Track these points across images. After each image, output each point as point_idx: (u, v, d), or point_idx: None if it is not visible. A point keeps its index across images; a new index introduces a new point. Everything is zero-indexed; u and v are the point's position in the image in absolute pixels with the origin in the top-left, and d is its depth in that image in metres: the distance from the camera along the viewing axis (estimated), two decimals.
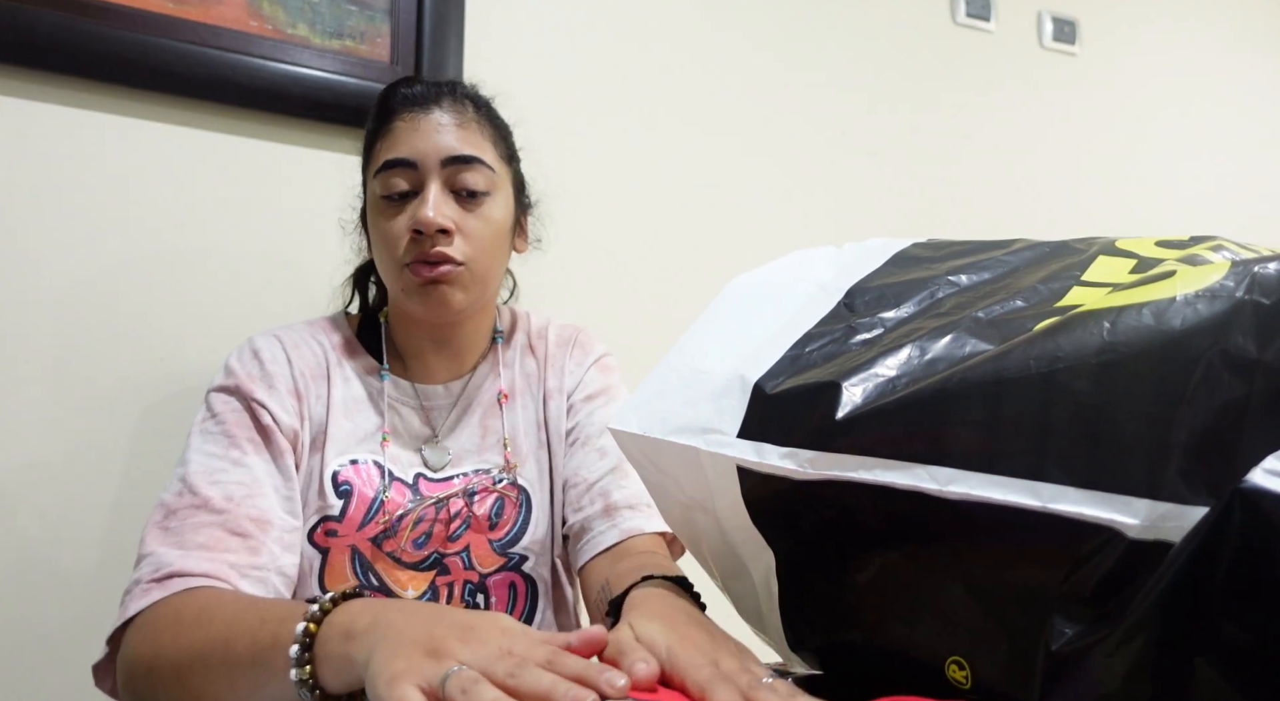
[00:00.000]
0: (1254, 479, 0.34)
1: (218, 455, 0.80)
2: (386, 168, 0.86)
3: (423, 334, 0.93)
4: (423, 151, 0.86)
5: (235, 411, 0.83)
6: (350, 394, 0.90)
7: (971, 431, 0.44)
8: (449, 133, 0.87)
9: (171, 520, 0.75)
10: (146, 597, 0.69)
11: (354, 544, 0.86)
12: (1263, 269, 0.42)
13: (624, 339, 1.13)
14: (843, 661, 0.55)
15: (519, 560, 0.92)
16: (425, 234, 0.84)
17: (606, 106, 1.40)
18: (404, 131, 0.87)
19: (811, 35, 1.57)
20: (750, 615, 0.62)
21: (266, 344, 0.88)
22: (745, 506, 0.54)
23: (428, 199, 0.85)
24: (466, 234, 0.87)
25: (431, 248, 0.85)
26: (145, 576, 0.71)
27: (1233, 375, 0.38)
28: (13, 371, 1.03)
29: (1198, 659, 0.35)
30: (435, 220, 0.84)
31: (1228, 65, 2.00)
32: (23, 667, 1.00)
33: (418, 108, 0.88)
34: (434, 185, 0.86)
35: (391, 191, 0.86)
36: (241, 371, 0.85)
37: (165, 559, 0.72)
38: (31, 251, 1.05)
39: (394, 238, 0.86)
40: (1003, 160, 1.73)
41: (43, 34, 1.03)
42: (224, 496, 0.76)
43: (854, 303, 0.58)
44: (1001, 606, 0.44)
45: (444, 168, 0.86)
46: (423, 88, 0.89)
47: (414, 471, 0.90)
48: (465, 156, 0.87)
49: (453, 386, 0.95)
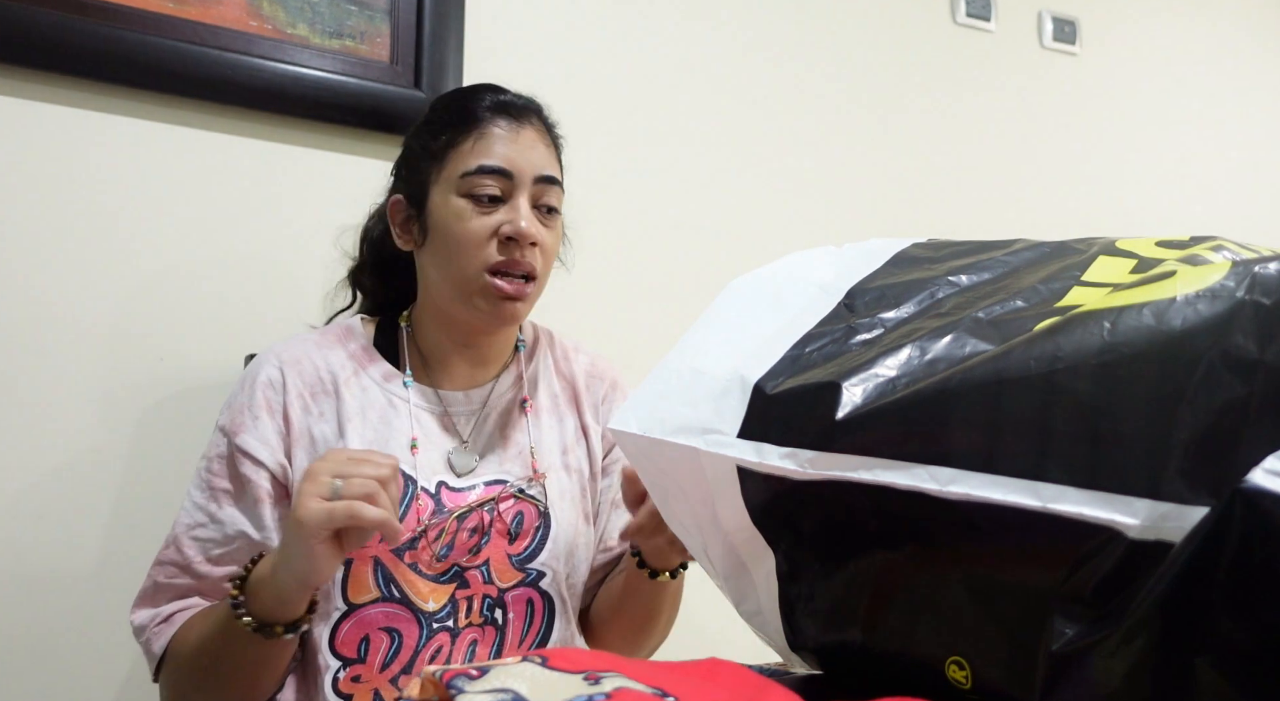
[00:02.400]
0: (1254, 479, 0.34)
1: (201, 506, 0.86)
2: (481, 171, 0.88)
3: (453, 339, 0.94)
4: (519, 165, 0.89)
5: (220, 457, 0.87)
6: (368, 403, 0.90)
7: (971, 431, 0.44)
8: (540, 151, 0.91)
9: (162, 573, 0.85)
10: (161, 639, 0.83)
11: (376, 554, 0.85)
12: (1263, 269, 0.42)
13: (624, 339, 1.13)
14: (843, 661, 0.55)
15: (536, 576, 0.91)
16: (518, 243, 0.87)
17: (606, 107, 1.40)
18: (501, 140, 0.89)
19: (811, 35, 1.57)
20: (750, 615, 0.62)
21: (266, 369, 0.89)
22: (745, 506, 0.54)
23: (521, 209, 0.88)
24: (544, 249, 0.91)
25: (520, 257, 0.88)
26: (150, 623, 0.84)
27: (1233, 375, 0.38)
28: (13, 371, 1.03)
29: (1198, 659, 0.35)
30: (532, 231, 0.88)
31: (1228, 65, 2.00)
32: (23, 668, 1.00)
33: (513, 119, 0.90)
34: (525, 198, 0.89)
35: (482, 193, 0.88)
36: (235, 407, 0.88)
37: (165, 609, 0.85)
38: (30, 251, 1.05)
39: (478, 240, 0.87)
40: (1003, 160, 1.73)
41: (43, 34, 1.03)
42: (204, 557, 0.85)
43: (854, 303, 0.58)
44: (1001, 606, 0.44)
45: (535, 184, 0.90)
46: (515, 99, 0.93)
47: (436, 479, 0.90)
48: (552, 177, 0.92)
49: (474, 394, 0.95)
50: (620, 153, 1.40)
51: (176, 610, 0.84)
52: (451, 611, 0.87)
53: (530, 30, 1.35)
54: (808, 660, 0.58)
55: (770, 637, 0.60)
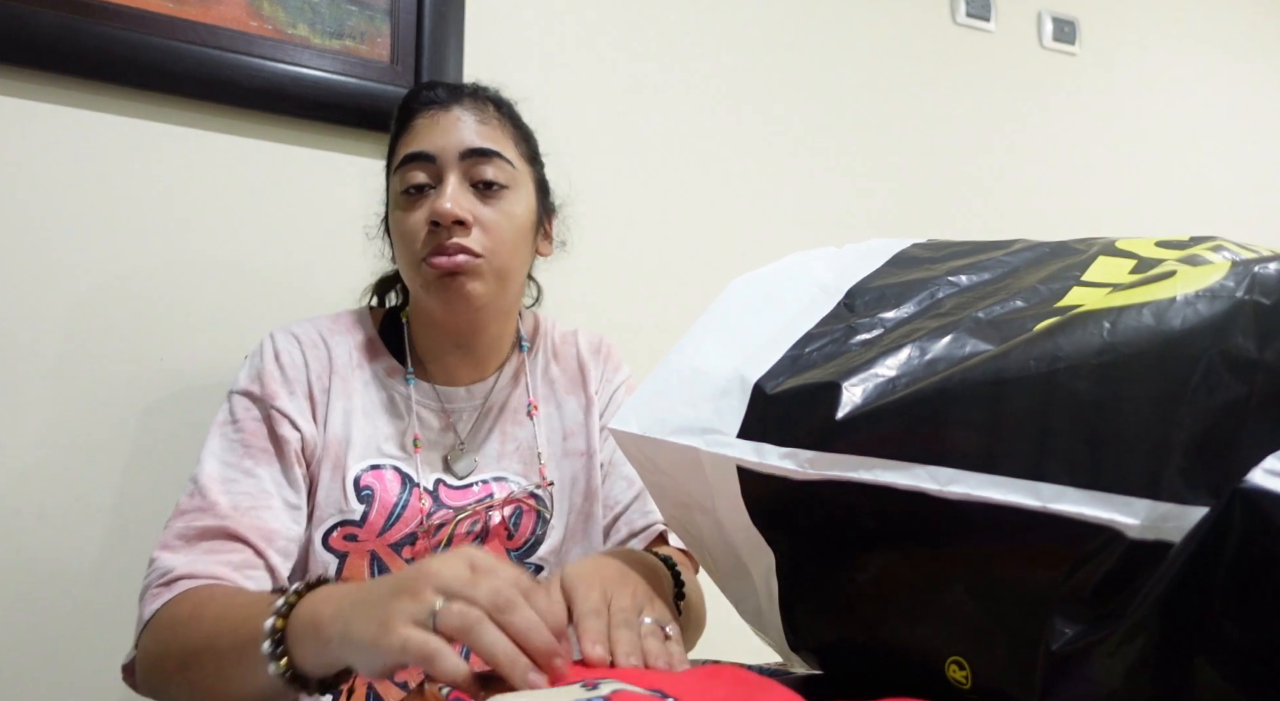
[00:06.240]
0: (1254, 479, 0.34)
1: (231, 463, 0.81)
2: (405, 162, 0.86)
3: (444, 336, 0.92)
4: (441, 145, 0.86)
5: (254, 419, 0.83)
6: (370, 397, 0.89)
7: (971, 431, 0.44)
8: (468, 128, 0.87)
9: (179, 521, 0.77)
10: (157, 600, 0.73)
11: (374, 549, 0.85)
12: (1263, 269, 0.42)
13: (624, 339, 1.13)
14: (843, 661, 0.56)
15: (534, 570, 0.91)
16: (442, 225, 0.84)
17: (606, 107, 1.40)
18: (424, 127, 0.87)
19: (811, 35, 1.57)
20: (750, 615, 0.62)
21: (286, 345, 0.88)
22: (745, 506, 0.54)
23: (445, 191, 0.85)
24: (485, 226, 0.86)
25: (448, 239, 0.84)
26: (154, 581, 0.74)
27: (1233, 375, 0.38)
28: (13, 371, 1.03)
29: (1198, 659, 0.35)
30: (452, 210, 0.83)
31: (1227, 65, 2.00)
32: (23, 667, 1.00)
33: (438, 106, 0.88)
34: (452, 178, 0.85)
35: (409, 185, 0.86)
36: (264, 375, 0.85)
37: (170, 563, 0.74)
38: (31, 251, 1.05)
39: (412, 231, 0.86)
40: (1002, 160, 1.73)
41: (43, 34, 1.03)
42: (231, 505, 0.78)
43: (854, 303, 0.58)
44: (1001, 606, 0.44)
45: (462, 160, 0.86)
46: (444, 90, 0.90)
47: (434, 477, 0.89)
48: (484, 149, 0.87)
49: (475, 389, 0.94)
50: (620, 152, 1.40)
51: (183, 574, 0.73)
52: None
53: (530, 30, 1.35)
54: (808, 660, 0.58)
55: (770, 637, 0.60)
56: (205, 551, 0.75)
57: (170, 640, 0.70)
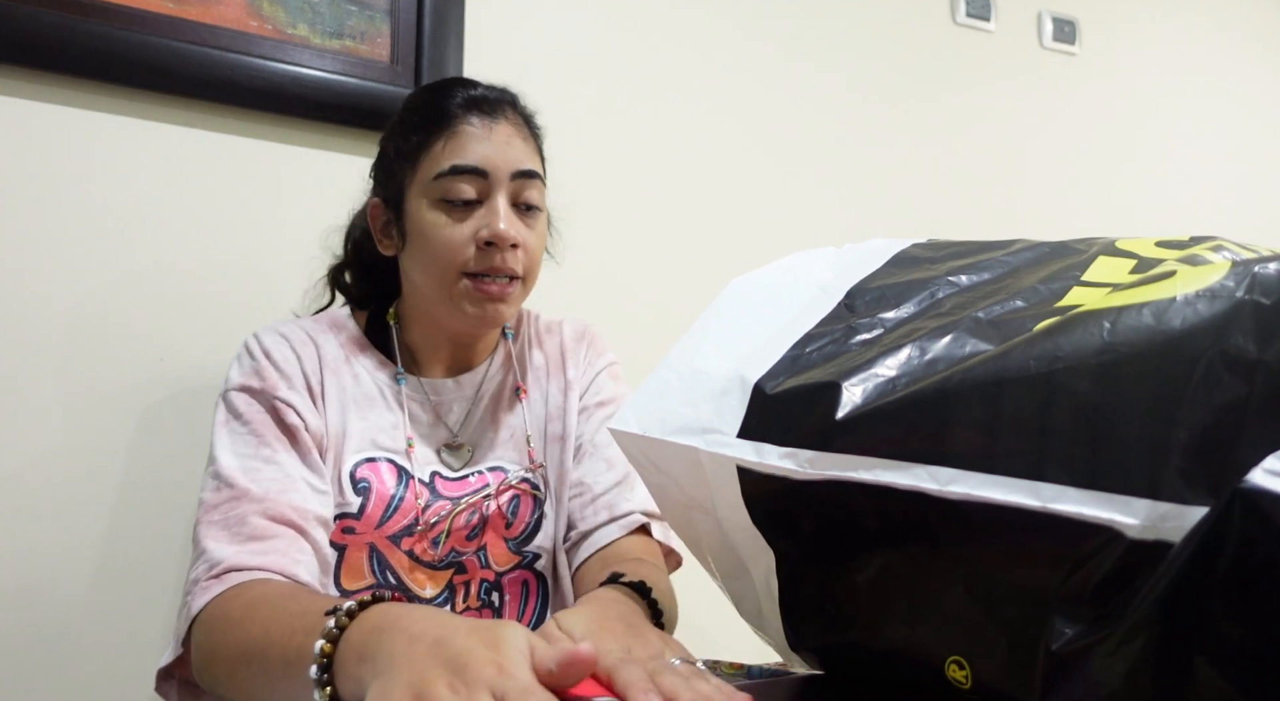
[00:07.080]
0: (1254, 479, 0.34)
1: (248, 454, 0.80)
2: (455, 173, 0.85)
3: (444, 336, 0.93)
4: (495, 164, 0.86)
5: (259, 412, 0.83)
6: (362, 391, 0.90)
7: (971, 431, 0.44)
8: (516, 146, 0.88)
9: (215, 514, 0.76)
10: (206, 594, 0.71)
11: (372, 541, 0.85)
12: (1263, 269, 0.42)
13: (624, 339, 1.13)
14: (843, 661, 0.56)
15: (533, 558, 0.92)
16: (498, 247, 0.85)
17: (606, 106, 1.40)
18: (474, 138, 0.86)
19: (811, 35, 1.57)
20: (750, 615, 0.62)
21: (274, 343, 0.88)
22: (745, 506, 0.54)
23: (500, 211, 0.85)
24: (526, 248, 0.88)
25: (501, 261, 0.85)
26: (202, 575, 0.72)
27: (1233, 375, 0.38)
28: (13, 371, 1.03)
29: (1198, 659, 0.35)
30: (512, 233, 0.85)
31: (1228, 65, 2.00)
32: (22, 668, 1.00)
33: (486, 115, 0.87)
34: (503, 197, 0.86)
35: (456, 197, 0.85)
36: (261, 370, 0.85)
37: (219, 555, 0.73)
38: (30, 251, 1.05)
39: (457, 244, 0.85)
40: (1003, 160, 1.73)
41: (43, 34, 1.03)
42: (261, 490, 0.77)
43: (854, 303, 0.58)
44: (1001, 606, 0.44)
45: (512, 180, 0.87)
46: (488, 92, 0.90)
47: (430, 469, 0.90)
48: (531, 171, 0.88)
49: (463, 380, 0.95)
50: (620, 152, 1.40)
51: (232, 566, 0.72)
52: (449, 597, 0.88)
53: (530, 30, 1.35)
54: (808, 660, 0.58)
55: (770, 637, 0.60)
56: (250, 539, 0.74)
57: (220, 642, 0.68)
